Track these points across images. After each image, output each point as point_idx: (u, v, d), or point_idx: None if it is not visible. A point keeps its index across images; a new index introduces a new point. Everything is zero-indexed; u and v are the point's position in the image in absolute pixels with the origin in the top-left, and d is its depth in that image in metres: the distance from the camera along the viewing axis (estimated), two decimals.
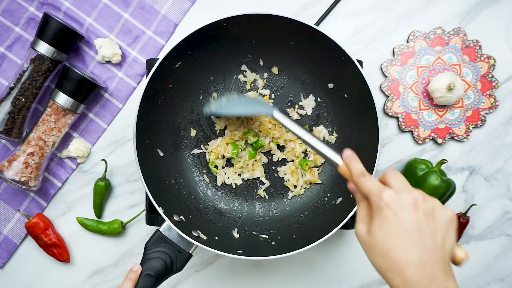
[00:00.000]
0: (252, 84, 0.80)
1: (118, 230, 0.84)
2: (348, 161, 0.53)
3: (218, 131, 0.80)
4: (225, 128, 0.80)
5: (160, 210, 0.67)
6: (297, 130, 0.62)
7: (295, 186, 0.79)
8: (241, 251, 0.68)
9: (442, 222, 0.48)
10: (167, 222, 0.67)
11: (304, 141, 0.60)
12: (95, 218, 0.85)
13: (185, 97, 0.78)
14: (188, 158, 0.80)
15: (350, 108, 0.76)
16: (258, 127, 0.78)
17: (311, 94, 0.79)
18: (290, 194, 0.80)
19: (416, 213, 0.46)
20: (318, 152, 0.58)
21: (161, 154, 0.76)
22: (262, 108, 0.70)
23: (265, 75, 0.80)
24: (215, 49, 0.74)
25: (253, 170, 0.79)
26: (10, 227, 0.85)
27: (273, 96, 0.80)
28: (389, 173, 0.50)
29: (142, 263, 0.66)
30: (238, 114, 0.74)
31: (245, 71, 0.79)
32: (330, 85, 0.77)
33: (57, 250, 0.83)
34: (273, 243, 0.73)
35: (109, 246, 0.86)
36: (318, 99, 0.79)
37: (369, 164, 0.68)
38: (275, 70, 0.79)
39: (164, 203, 0.69)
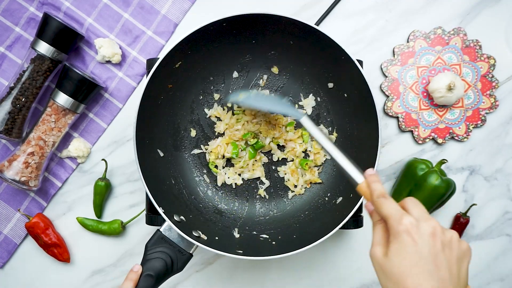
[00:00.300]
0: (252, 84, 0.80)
1: (118, 230, 0.84)
2: (370, 180, 0.53)
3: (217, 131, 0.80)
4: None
5: (160, 210, 0.67)
6: (322, 139, 0.60)
7: (296, 186, 0.79)
8: (241, 251, 0.68)
9: (459, 254, 0.48)
10: (168, 222, 0.67)
11: (328, 152, 0.59)
12: (95, 218, 0.85)
13: (185, 97, 0.78)
14: (188, 158, 0.80)
15: (350, 108, 0.76)
16: (258, 128, 0.78)
17: (311, 94, 0.79)
18: (290, 194, 0.80)
19: (434, 242, 0.47)
20: (339, 165, 0.57)
21: (161, 154, 0.76)
22: (291, 111, 0.68)
23: (265, 75, 0.80)
24: (215, 49, 0.74)
25: (253, 170, 0.79)
26: (10, 227, 0.85)
27: (273, 96, 0.80)
28: (409, 200, 0.51)
29: (142, 263, 0.66)
30: (265, 109, 0.72)
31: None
32: (330, 85, 0.77)
33: (57, 250, 0.83)
34: (274, 243, 0.73)
35: (109, 246, 0.86)
36: (318, 99, 0.79)
37: (369, 164, 0.68)
38: (275, 70, 0.79)
39: (165, 203, 0.69)
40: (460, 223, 0.83)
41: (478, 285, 0.85)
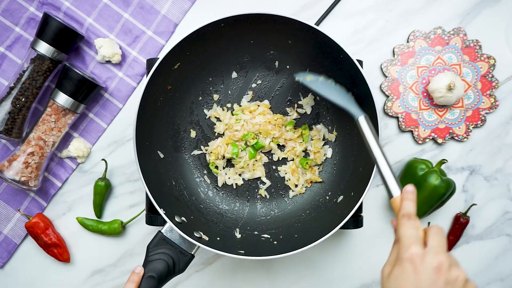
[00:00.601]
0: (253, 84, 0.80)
1: (118, 230, 0.84)
2: (405, 197, 0.52)
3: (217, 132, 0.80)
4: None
5: (161, 211, 0.67)
6: (373, 144, 0.58)
7: (296, 185, 0.79)
8: (243, 251, 0.68)
9: None
10: (169, 223, 0.66)
11: (373, 159, 0.57)
12: (95, 218, 0.85)
13: (184, 98, 0.78)
14: (188, 159, 0.80)
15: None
16: (258, 129, 0.78)
17: (310, 93, 0.79)
18: (291, 194, 0.80)
19: (437, 277, 0.46)
20: (381, 174, 0.55)
21: (161, 155, 0.76)
22: (351, 107, 0.66)
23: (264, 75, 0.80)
24: (213, 50, 0.74)
25: (253, 170, 0.79)
26: (10, 227, 0.85)
27: (272, 95, 0.80)
28: (432, 229, 0.50)
29: (144, 265, 0.66)
30: (327, 97, 0.69)
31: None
32: None
33: (57, 250, 0.83)
34: (275, 242, 0.73)
35: (109, 246, 0.86)
36: (317, 98, 0.79)
37: (369, 164, 0.68)
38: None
39: (166, 204, 0.69)
40: (460, 223, 0.83)
41: (478, 285, 0.85)
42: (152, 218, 0.73)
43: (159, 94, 0.73)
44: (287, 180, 0.80)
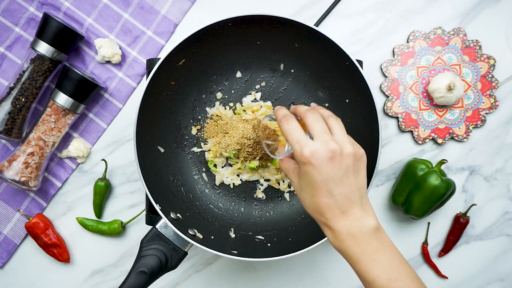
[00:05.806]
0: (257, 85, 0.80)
1: (118, 230, 0.84)
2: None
3: None
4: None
5: (157, 207, 0.66)
6: None
7: (288, 187, 0.79)
8: (236, 252, 0.67)
9: None
10: (164, 219, 0.66)
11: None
12: (95, 218, 0.85)
13: (188, 94, 0.78)
14: (188, 156, 0.80)
15: (350, 108, 0.75)
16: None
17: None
18: (288, 196, 0.79)
19: (333, 166, 0.50)
20: None
21: (162, 150, 0.76)
22: None
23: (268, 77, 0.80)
24: (219, 48, 0.74)
25: (252, 172, 0.79)
26: (10, 227, 0.85)
27: (275, 97, 0.80)
28: (310, 117, 0.53)
29: (136, 260, 0.65)
30: None
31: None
32: (331, 89, 0.77)
33: (57, 250, 0.83)
34: (269, 244, 0.72)
35: (109, 246, 0.86)
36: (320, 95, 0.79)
37: (369, 164, 0.68)
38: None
39: (162, 200, 0.69)
40: (460, 223, 0.83)
41: (478, 285, 0.85)
42: (152, 218, 0.73)
43: (163, 89, 0.73)
44: (278, 188, 0.80)
